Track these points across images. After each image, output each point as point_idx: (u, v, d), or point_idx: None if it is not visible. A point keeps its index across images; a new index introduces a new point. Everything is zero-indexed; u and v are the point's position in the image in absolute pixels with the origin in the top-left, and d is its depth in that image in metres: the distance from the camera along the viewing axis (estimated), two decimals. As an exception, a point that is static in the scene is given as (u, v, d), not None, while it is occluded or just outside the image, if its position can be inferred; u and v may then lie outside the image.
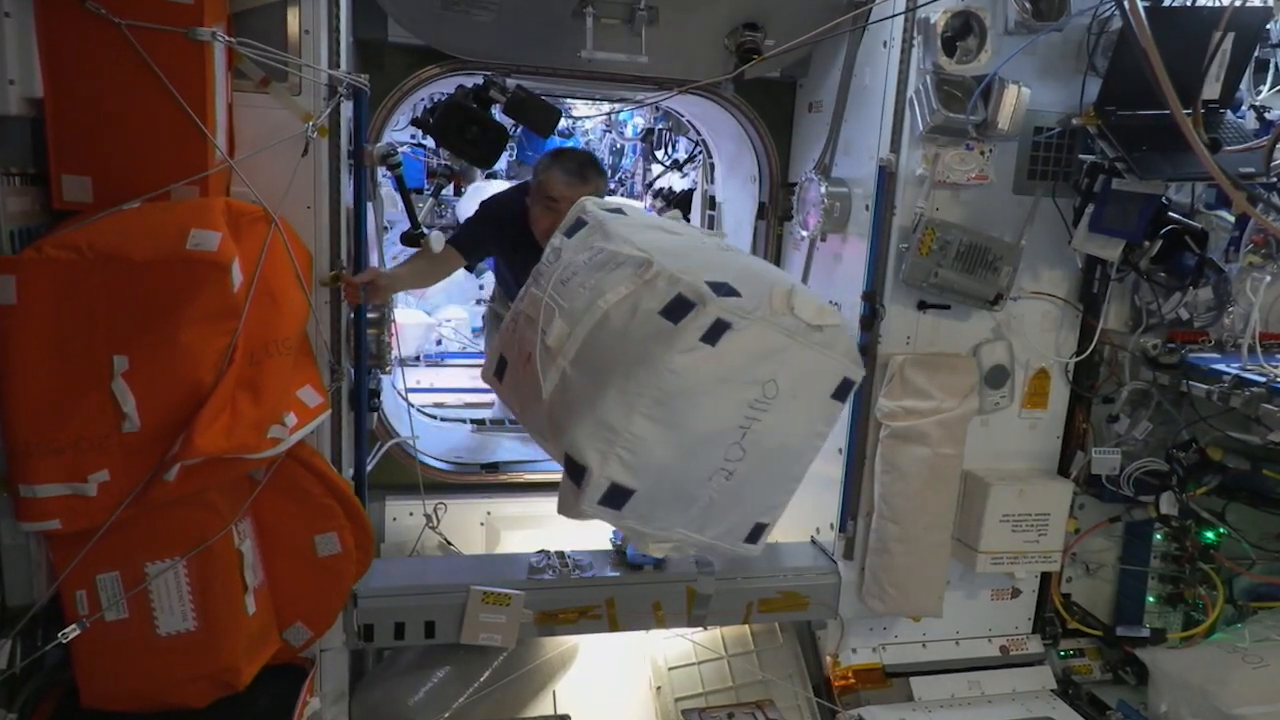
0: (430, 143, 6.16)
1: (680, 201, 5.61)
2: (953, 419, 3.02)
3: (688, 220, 5.35)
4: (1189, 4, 2.89)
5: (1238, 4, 2.59)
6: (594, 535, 3.22)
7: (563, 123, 4.73)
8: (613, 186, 6.57)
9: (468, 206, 7.20)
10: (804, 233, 3.32)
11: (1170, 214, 2.99)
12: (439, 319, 6.02)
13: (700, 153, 4.61)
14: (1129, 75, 2.74)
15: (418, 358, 5.65)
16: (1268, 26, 2.95)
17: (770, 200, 3.72)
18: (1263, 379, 2.77)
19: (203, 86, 2.21)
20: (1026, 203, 3.02)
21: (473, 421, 4.44)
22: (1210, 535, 3.28)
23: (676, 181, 5.80)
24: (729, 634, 3.50)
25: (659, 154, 5.98)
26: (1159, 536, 3.35)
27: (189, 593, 2.36)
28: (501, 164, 7.18)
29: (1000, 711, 3.21)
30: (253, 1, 2.39)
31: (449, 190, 7.01)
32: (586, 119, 6.19)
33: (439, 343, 5.97)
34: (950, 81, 2.82)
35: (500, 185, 7.24)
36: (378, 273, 2.79)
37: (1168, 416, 3.22)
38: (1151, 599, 3.39)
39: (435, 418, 4.39)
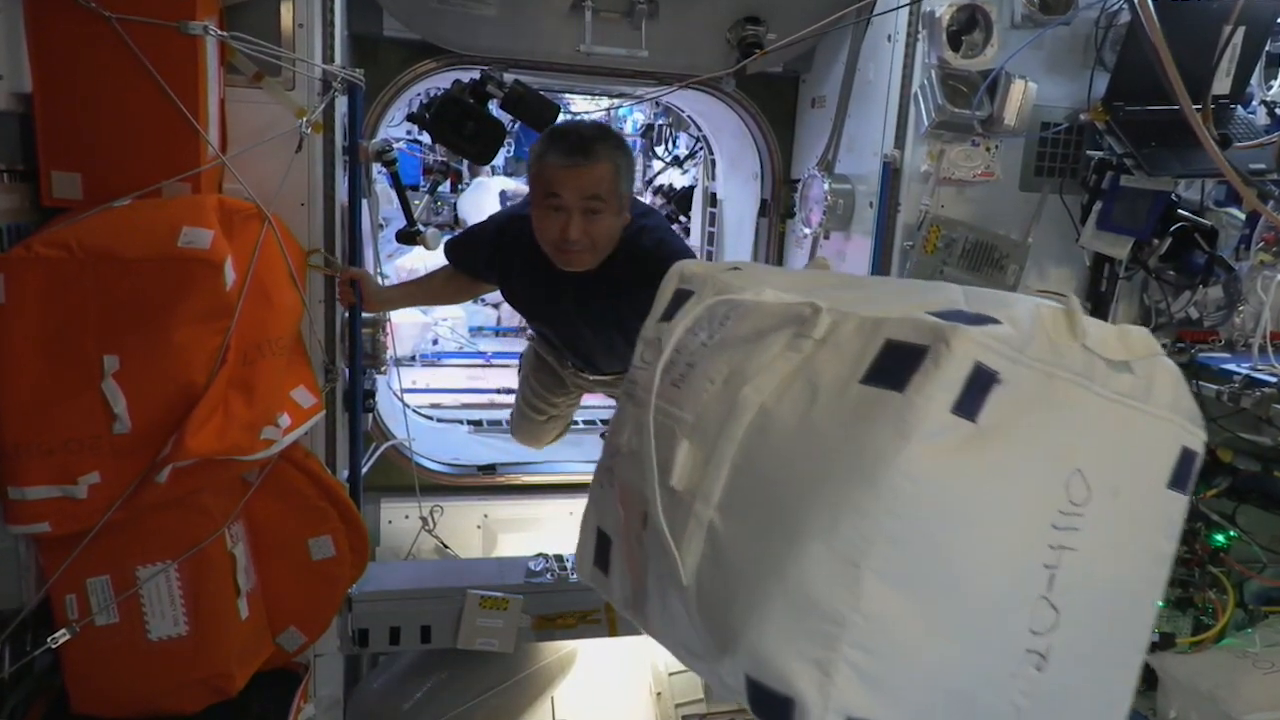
0: (426, 139, 6.14)
1: (681, 199, 5.57)
2: (959, 420, 2.95)
3: (679, 216, 5.36)
4: (1198, -3, 2.86)
5: (1249, -3, 2.54)
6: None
7: (561, 117, 4.70)
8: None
9: (468, 203, 7.19)
10: (807, 230, 3.28)
11: (1180, 211, 2.94)
12: (435, 318, 5.99)
13: (701, 149, 4.57)
14: (1138, 70, 2.69)
15: (414, 358, 5.62)
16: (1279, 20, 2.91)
17: (773, 197, 3.68)
18: (1274, 379, 2.73)
19: (195, 81, 2.16)
20: (1033, 200, 2.98)
21: (470, 422, 4.41)
22: (1220, 538, 3.23)
23: (677, 178, 5.77)
24: (731, 637, 3.46)
25: (659, 150, 5.96)
26: (1167, 539, 3.31)
27: (181, 597, 2.32)
28: (499, 160, 7.16)
29: (1006, 716, 3.17)
30: (245, -6, 2.36)
31: (445, 186, 7.01)
32: (585, 114, 6.15)
33: (435, 342, 5.94)
34: (955, 76, 2.78)
35: (502, 181, 7.23)
36: (366, 275, 2.72)
37: (1176, 417, 3.17)
38: (1160, 603, 3.35)
39: (431, 419, 4.36)
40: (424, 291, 3.08)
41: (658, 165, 6.03)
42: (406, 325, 5.53)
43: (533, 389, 3.26)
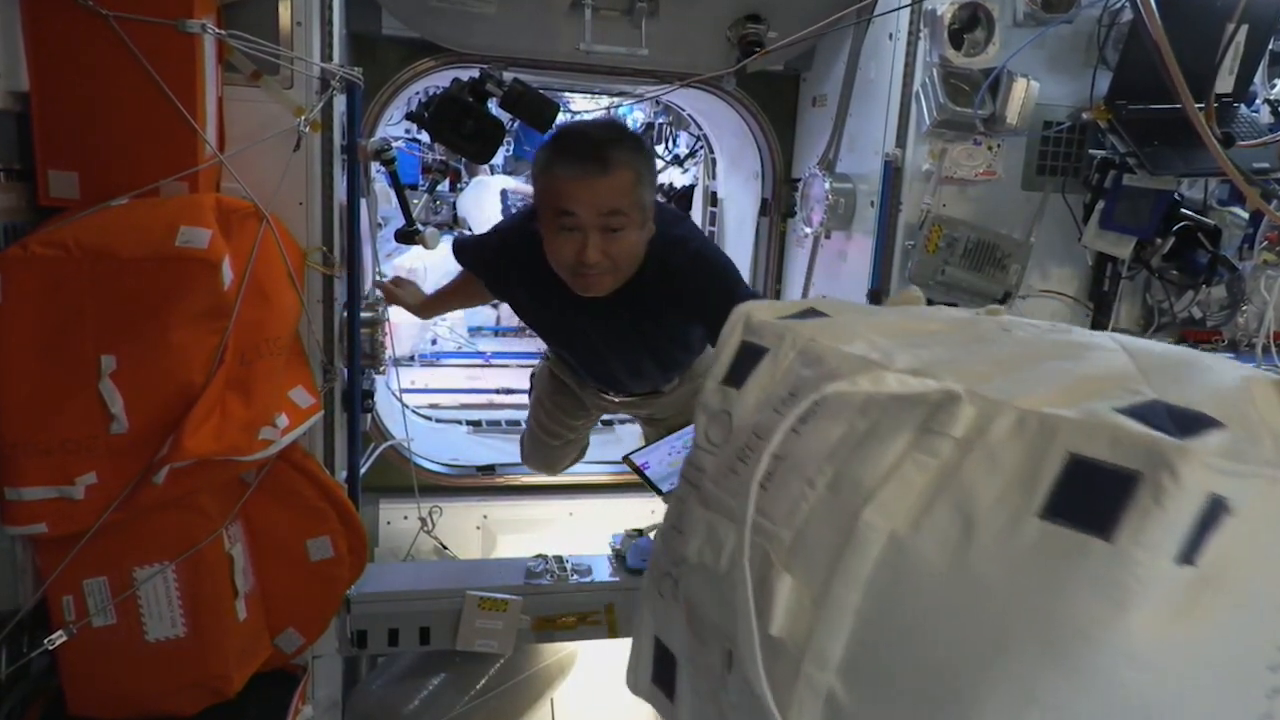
0: (425, 138, 6.12)
1: (681, 198, 5.56)
2: (962, 420, 2.92)
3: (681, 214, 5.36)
4: (1201, -5, 2.84)
5: (1252, -5, 2.53)
6: (593, 539, 3.17)
7: (561, 117, 4.70)
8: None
9: (467, 202, 7.18)
10: (807, 230, 3.27)
11: (1183, 210, 2.93)
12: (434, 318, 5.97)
13: (701, 148, 4.56)
14: (1140, 68, 2.68)
15: (412, 358, 5.60)
16: (1282, 19, 2.89)
17: (773, 196, 3.67)
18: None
19: (192, 80, 2.15)
20: (1035, 199, 2.97)
21: (469, 423, 4.40)
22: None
23: (678, 177, 5.76)
24: (731, 638, 3.45)
25: (659, 149, 5.93)
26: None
27: (178, 598, 2.30)
28: (499, 159, 7.15)
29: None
30: (243, -8, 2.34)
31: (444, 185, 6.99)
32: (585, 114, 6.13)
33: (434, 342, 5.93)
34: (957, 75, 2.77)
35: (502, 180, 7.21)
36: (397, 292, 2.69)
37: (1179, 417, 3.16)
38: None
39: (430, 419, 4.35)
40: (459, 295, 3.02)
41: (658, 164, 6.02)
42: (405, 325, 5.50)
43: (547, 411, 3.05)
